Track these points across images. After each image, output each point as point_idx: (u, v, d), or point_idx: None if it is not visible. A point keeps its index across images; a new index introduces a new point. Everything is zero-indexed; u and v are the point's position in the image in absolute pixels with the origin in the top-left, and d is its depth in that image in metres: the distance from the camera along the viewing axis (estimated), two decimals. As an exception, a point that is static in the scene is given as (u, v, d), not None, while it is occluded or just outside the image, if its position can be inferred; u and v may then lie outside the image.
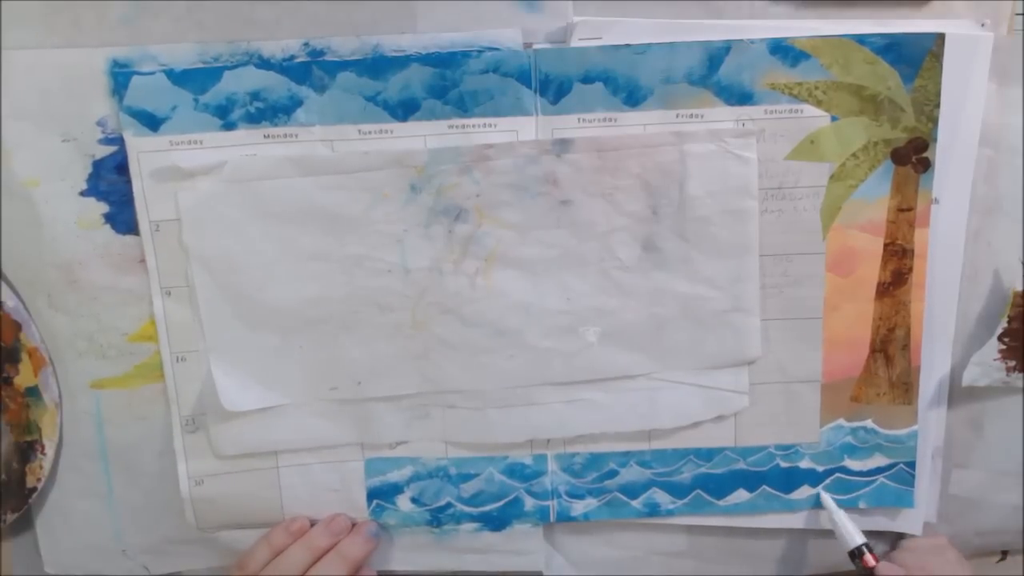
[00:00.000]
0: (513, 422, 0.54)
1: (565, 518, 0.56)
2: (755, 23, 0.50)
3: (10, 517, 0.55)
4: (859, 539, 0.53)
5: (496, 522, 0.56)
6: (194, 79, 0.49)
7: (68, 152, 0.49)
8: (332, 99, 0.49)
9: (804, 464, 0.55)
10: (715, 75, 0.49)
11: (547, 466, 0.55)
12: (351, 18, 0.49)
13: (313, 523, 0.55)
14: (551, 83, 0.49)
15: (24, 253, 0.51)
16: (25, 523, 0.57)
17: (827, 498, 0.55)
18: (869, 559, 0.53)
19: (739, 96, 0.50)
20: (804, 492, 0.56)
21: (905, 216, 0.52)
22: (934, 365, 0.55)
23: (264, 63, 0.49)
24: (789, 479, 0.56)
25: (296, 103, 0.49)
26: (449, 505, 0.56)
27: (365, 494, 0.55)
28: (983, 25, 0.50)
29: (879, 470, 0.55)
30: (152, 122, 0.49)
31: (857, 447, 0.55)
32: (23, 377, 0.53)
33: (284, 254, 0.51)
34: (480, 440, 0.55)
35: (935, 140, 0.50)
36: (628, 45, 0.49)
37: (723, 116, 0.50)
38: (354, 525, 0.55)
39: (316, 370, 0.53)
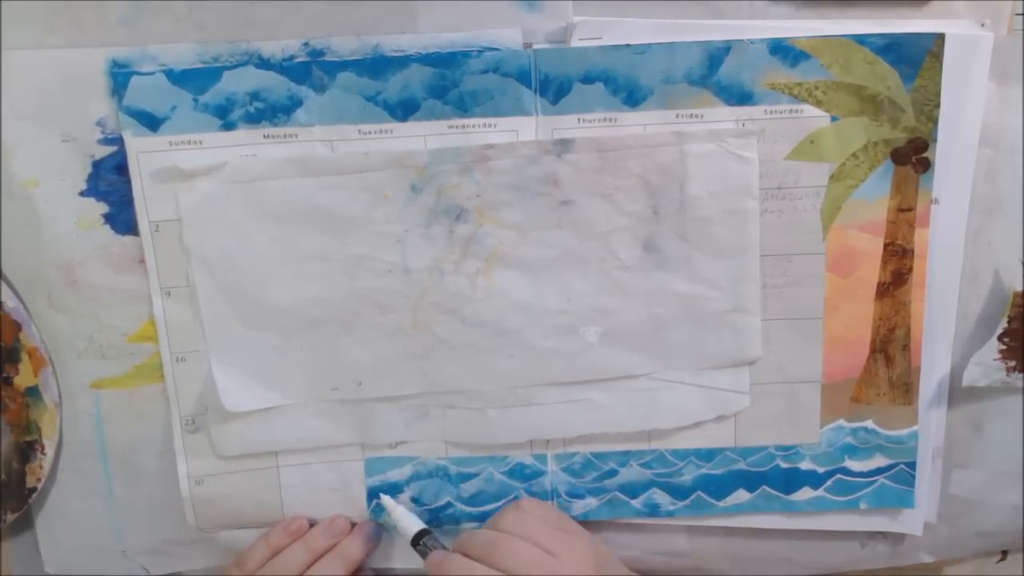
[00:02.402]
0: (513, 422, 0.54)
1: (565, 518, 0.56)
2: (755, 23, 0.49)
3: (10, 517, 0.55)
4: (418, 527, 0.53)
5: (496, 522, 0.56)
6: (194, 79, 0.49)
7: (68, 152, 0.49)
8: (332, 99, 0.49)
9: (804, 465, 0.55)
10: (715, 75, 0.49)
11: (547, 466, 0.55)
12: (351, 18, 0.49)
13: (312, 523, 0.55)
14: (551, 83, 0.49)
15: (24, 253, 0.51)
16: (25, 523, 0.57)
17: (385, 499, 0.54)
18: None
19: (739, 96, 0.50)
20: (805, 493, 0.56)
21: (905, 216, 0.52)
22: (934, 365, 0.55)
23: (264, 63, 0.49)
24: (789, 480, 0.56)
25: (296, 103, 0.49)
26: (449, 505, 0.56)
27: (365, 493, 0.55)
28: (983, 25, 0.50)
29: (879, 470, 0.55)
30: (152, 122, 0.49)
31: (857, 447, 0.55)
32: (23, 377, 0.53)
33: (284, 254, 0.51)
34: (480, 440, 0.55)
35: (935, 140, 0.50)
36: (628, 45, 0.49)
37: (723, 116, 0.50)
38: (354, 526, 0.55)
39: (316, 370, 0.53)
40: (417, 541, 0.52)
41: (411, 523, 0.53)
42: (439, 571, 0.48)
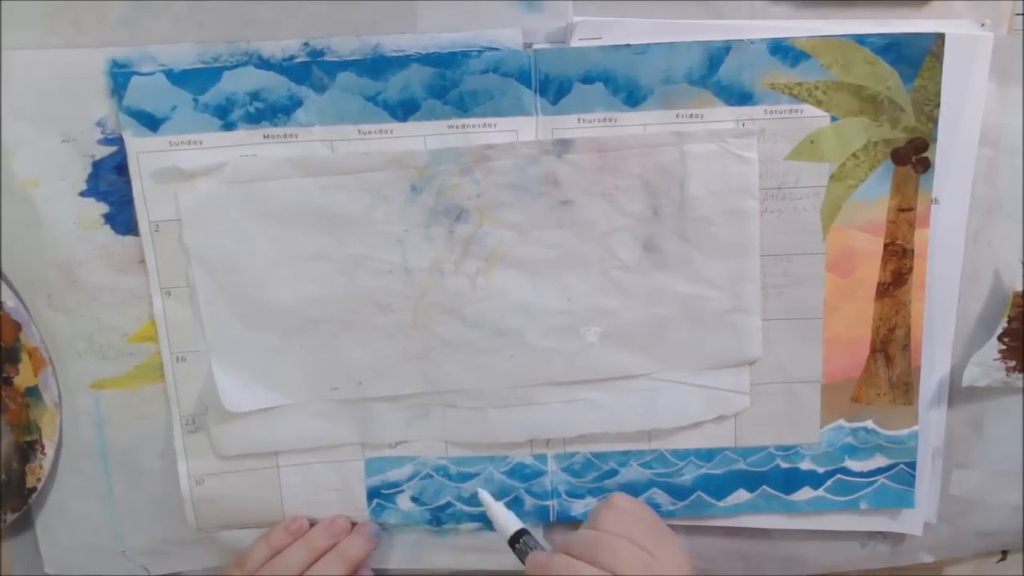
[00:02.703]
0: (513, 422, 0.54)
1: (565, 518, 0.56)
2: (755, 23, 0.49)
3: (10, 517, 0.55)
4: (516, 526, 0.51)
5: (496, 522, 0.56)
6: (193, 79, 0.49)
7: (68, 152, 0.50)
8: (332, 99, 0.49)
9: (804, 465, 0.55)
10: (715, 75, 0.49)
11: (547, 466, 0.55)
12: (351, 18, 0.49)
13: (313, 523, 0.55)
14: (551, 83, 0.49)
15: (24, 253, 0.51)
16: (25, 523, 0.57)
17: (483, 494, 0.53)
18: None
19: (739, 96, 0.50)
20: (805, 493, 0.56)
21: (905, 216, 0.52)
22: (934, 365, 0.55)
23: (264, 63, 0.49)
24: (789, 480, 0.56)
25: (296, 103, 0.49)
26: (449, 504, 0.56)
27: (365, 493, 0.55)
28: (983, 25, 0.50)
29: (880, 471, 0.55)
30: (152, 122, 0.49)
31: (857, 448, 0.55)
32: (23, 377, 0.53)
33: (285, 254, 0.51)
34: (480, 440, 0.55)
35: (935, 140, 0.50)
36: (628, 45, 0.49)
37: (723, 116, 0.50)
38: (355, 526, 0.55)
39: (317, 370, 0.53)
40: (515, 540, 0.51)
41: (509, 522, 0.51)
42: (542, 571, 0.47)
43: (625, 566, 0.45)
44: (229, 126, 0.49)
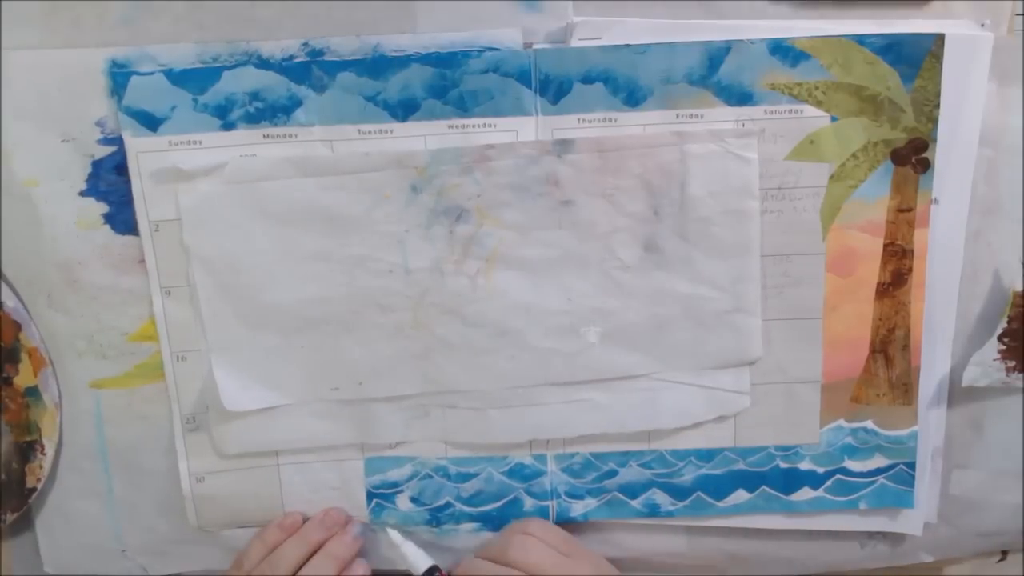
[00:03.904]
0: (514, 422, 0.54)
1: (565, 518, 0.56)
2: (755, 23, 0.49)
3: (10, 517, 0.55)
4: (427, 563, 0.53)
5: (496, 522, 0.56)
6: (193, 79, 0.49)
7: (67, 152, 0.50)
8: (332, 99, 0.49)
9: (804, 465, 0.55)
10: (715, 75, 0.49)
11: (547, 466, 0.55)
12: (351, 18, 0.49)
13: (308, 519, 0.55)
14: (551, 83, 0.49)
15: (24, 253, 0.51)
16: (25, 523, 0.57)
17: (393, 533, 0.55)
18: None
19: (739, 96, 0.49)
20: (804, 493, 0.56)
21: (905, 216, 0.52)
22: (934, 365, 0.55)
23: (263, 63, 0.49)
24: (789, 480, 0.56)
25: (296, 103, 0.49)
26: (448, 505, 0.56)
27: (365, 493, 0.55)
28: (983, 25, 0.50)
29: (879, 471, 0.55)
30: (151, 122, 0.49)
31: (857, 448, 0.55)
32: (23, 377, 0.53)
33: (285, 254, 0.51)
34: (480, 440, 0.55)
35: (935, 140, 0.50)
36: (628, 45, 0.49)
37: (723, 116, 0.50)
38: (348, 520, 0.56)
39: (317, 370, 0.53)
40: None
41: (420, 560, 0.54)
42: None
43: (534, 562, 0.46)
44: (229, 126, 0.49)
